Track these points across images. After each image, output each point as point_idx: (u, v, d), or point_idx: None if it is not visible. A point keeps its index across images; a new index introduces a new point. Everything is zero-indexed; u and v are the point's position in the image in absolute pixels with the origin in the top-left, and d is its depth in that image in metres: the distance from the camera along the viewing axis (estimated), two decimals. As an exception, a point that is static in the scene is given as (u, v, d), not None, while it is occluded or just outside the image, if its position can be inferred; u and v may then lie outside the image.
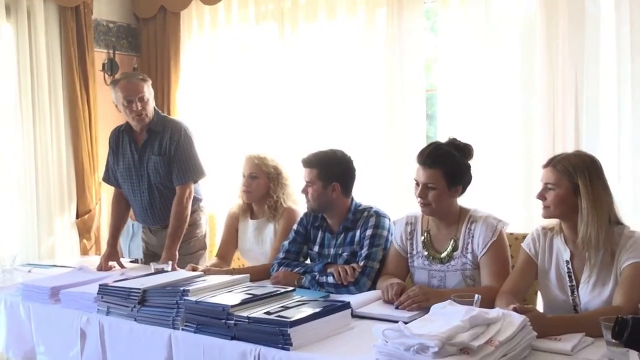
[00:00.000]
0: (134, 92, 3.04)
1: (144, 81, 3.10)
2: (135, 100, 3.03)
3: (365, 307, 2.25)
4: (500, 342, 1.66)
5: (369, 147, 3.68)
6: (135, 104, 3.03)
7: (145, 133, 3.13)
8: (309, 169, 2.68)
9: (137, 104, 3.03)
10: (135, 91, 3.05)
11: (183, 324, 2.11)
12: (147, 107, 3.06)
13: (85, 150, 4.18)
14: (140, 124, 3.10)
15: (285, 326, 1.85)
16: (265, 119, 4.09)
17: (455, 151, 2.37)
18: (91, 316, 2.39)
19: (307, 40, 3.90)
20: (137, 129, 3.15)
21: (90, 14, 4.25)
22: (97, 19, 4.39)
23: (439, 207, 2.37)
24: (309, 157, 2.70)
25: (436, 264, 2.43)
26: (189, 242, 3.20)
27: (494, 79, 3.29)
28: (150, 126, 3.11)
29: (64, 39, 4.09)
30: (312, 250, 2.79)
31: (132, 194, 3.21)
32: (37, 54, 3.97)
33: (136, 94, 3.04)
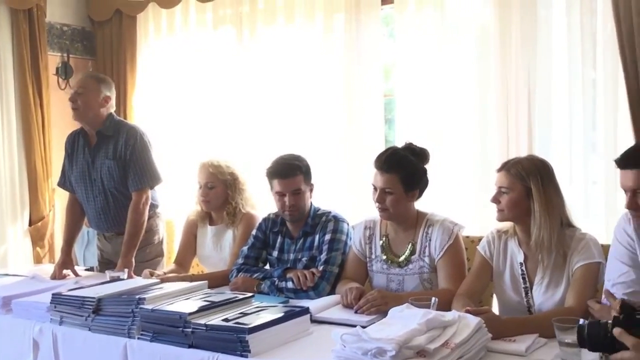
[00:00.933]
0: (75, 84, 3.12)
1: (95, 79, 3.12)
2: (73, 92, 3.06)
3: (325, 311, 2.25)
4: (456, 345, 1.68)
5: (327, 151, 3.69)
6: (72, 95, 3.05)
7: (96, 136, 3.09)
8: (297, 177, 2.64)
9: (73, 95, 3.05)
10: (76, 84, 3.12)
11: (139, 333, 2.07)
12: (80, 101, 3.02)
13: (39, 155, 4.08)
14: (75, 118, 3.08)
15: (243, 333, 1.84)
16: (224, 124, 4.06)
17: (411, 156, 2.40)
18: (44, 326, 2.33)
19: (266, 45, 3.89)
20: (87, 130, 3.11)
21: (44, 17, 4.16)
22: (51, 21, 4.30)
23: (397, 211, 2.39)
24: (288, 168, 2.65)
25: (394, 268, 2.45)
26: (145, 249, 3.14)
27: (450, 83, 3.34)
28: (101, 129, 3.06)
29: (16, 42, 4.00)
30: (271, 256, 2.78)
31: (85, 199, 3.15)
32: (-14, 57, 3.86)
33: (76, 86, 3.10)
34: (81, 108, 3.02)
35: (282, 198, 2.63)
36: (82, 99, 3.01)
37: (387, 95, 3.71)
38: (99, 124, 3.07)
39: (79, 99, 3.01)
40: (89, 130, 3.11)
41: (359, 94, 3.62)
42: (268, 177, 2.68)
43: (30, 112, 4.04)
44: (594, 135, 3.01)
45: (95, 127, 3.07)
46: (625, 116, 2.78)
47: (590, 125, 3.02)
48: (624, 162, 1.91)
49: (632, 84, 2.68)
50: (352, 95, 3.64)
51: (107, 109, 3.10)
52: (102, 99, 3.06)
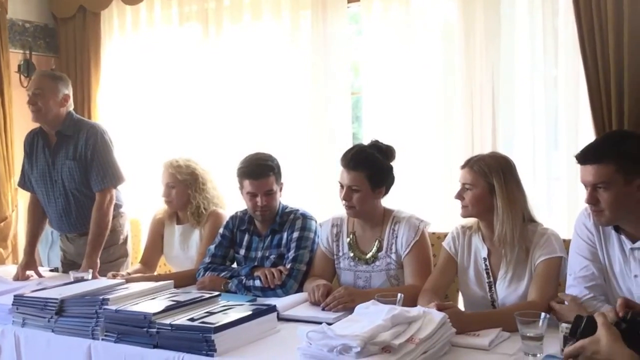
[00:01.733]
0: (32, 85, 3.03)
1: (51, 78, 3.05)
2: (31, 93, 2.99)
3: (292, 309, 2.26)
4: (421, 340, 1.70)
5: (295, 149, 3.69)
6: (30, 97, 2.98)
7: (55, 136, 3.03)
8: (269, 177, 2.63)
9: (31, 97, 2.98)
10: (33, 85, 3.03)
11: (103, 334, 2.05)
12: (40, 102, 2.96)
13: (1, 154, 3.99)
14: (35, 120, 3.02)
15: (208, 332, 1.83)
16: (190, 122, 4.02)
17: (377, 153, 2.41)
18: (6, 328, 2.29)
19: (232, 42, 3.86)
20: (46, 130, 3.05)
21: (5, 13, 4.06)
22: (12, 18, 4.20)
23: (363, 208, 2.40)
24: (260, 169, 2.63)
25: (362, 265, 2.46)
26: (109, 249, 3.10)
27: (416, 81, 3.36)
28: (60, 129, 3.01)
29: (-24, 39, 3.90)
30: (238, 254, 2.77)
31: (46, 200, 3.09)
32: (-55, 54, 3.76)
33: (33, 87, 3.01)
34: (42, 109, 2.96)
35: (254, 198, 2.62)
36: (41, 100, 2.95)
37: (355, 92, 3.72)
38: (58, 124, 3.01)
39: (38, 100, 2.95)
40: (48, 130, 3.05)
41: (326, 92, 3.62)
42: (239, 176, 2.66)
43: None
44: (556, 132, 3.07)
45: (55, 127, 3.02)
46: (586, 113, 2.84)
47: (553, 122, 3.07)
48: (583, 157, 1.95)
49: (592, 81, 2.74)
50: (320, 93, 3.63)
51: (67, 107, 3.04)
52: (61, 98, 3.00)
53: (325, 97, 3.62)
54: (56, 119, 3.01)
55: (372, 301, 1.91)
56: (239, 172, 2.67)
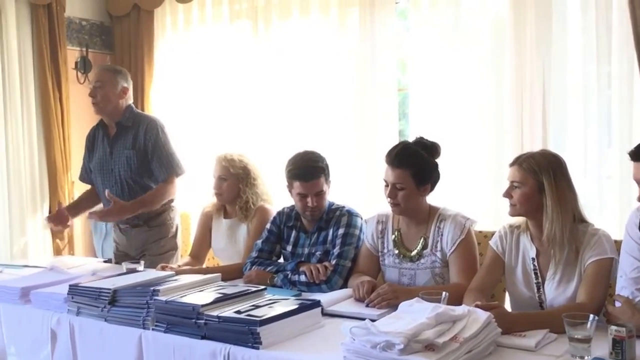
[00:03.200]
0: (93, 78, 3.19)
1: (111, 71, 3.16)
2: (92, 86, 3.11)
3: (336, 305, 2.26)
4: (465, 339, 1.69)
5: (342, 146, 3.70)
6: (92, 90, 3.10)
7: (115, 127, 3.13)
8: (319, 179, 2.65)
9: (92, 89, 3.10)
10: (94, 78, 3.18)
11: (153, 324, 2.10)
12: (100, 95, 3.07)
13: (58, 148, 4.14)
14: (96, 111, 3.14)
15: (254, 325, 1.86)
16: (239, 117, 4.08)
17: (422, 150, 2.39)
18: (62, 316, 2.37)
19: (281, 38, 3.90)
20: (107, 122, 3.16)
21: (63, 12, 4.20)
22: (70, 16, 4.34)
23: (408, 206, 2.39)
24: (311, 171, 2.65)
25: (406, 262, 2.45)
26: (159, 242, 3.18)
27: (465, 78, 3.33)
28: (120, 120, 3.11)
29: (35, 37, 4.04)
30: (285, 250, 2.79)
31: (101, 188, 3.20)
32: (8, 52, 3.91)
33: (94, 80, 3.15)
34: (101, 102, 3.07)
35: (304, 199, 2.64)
36: (101, 93, 3.06)
37: (402, 89, 3.71)
38: (118, 116, 3.11)
39: (98, 92, 3.06)
40: (108, 122, 3.17)
41: (373, 88, 3.62)
42: (289, 177, 2.68)
43: (50, 106, 4.08)
44: (609, 129, 2.98)
45: (115, 118, 3.12)
46: (640, 110, 2.76)
47: (605, 120, 2.99)
48: (637, 154, 1.89)
49: (647, 78, 2.65)
50: (367, 90, 3.64)
51: (126, 100, 3.14)
52: (120, 90, 3.10)
53: (372, 94, 3.62)
54: (115, 110, 3.11)
55: (416, 299, 1.91)
56: (289, 173, 2.68)
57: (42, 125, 4.10)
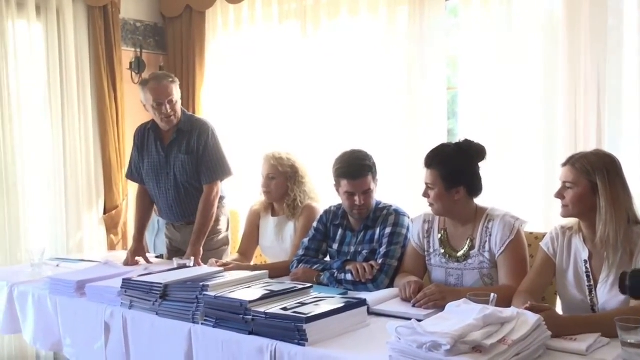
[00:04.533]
0: (164, 95, 3.10)
1: (173, 83, 3.16)
2: (165, 103, 3.09)
3: (382, 304, 2.26)
4: (514, 341, 1.66)
5: (390, 145, 3.68)
6: (165, 107, 3.09)
7: (173, 133, 3.19)
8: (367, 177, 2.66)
9: (166, 106, 3.10)
10: (165, 94, 3.10)
11: (203, 319, 2.15)
12: (175, 109, 3.13)
13: (113, 147, 4.25)
14: (169, 125, 3.16)
15: (300, 322, 1.88)
16: (288, 117, 4.12)
17: (460, 153, 2.37)
18: (115, 310, 2.45)
19: (329, 38, 3.91)
20: (163, 127, 3.21)
21: (118, 13, 4.31)
22: (125, 18, 4.46)
23: (442, 207, 2.39)
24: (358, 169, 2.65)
25: (453, 262, 2.43)
26: (212, 238, 3.25)
27: (516, 76, 3.26)
28: (180, 126, 3.17)
29: (92, 38, 4.16)
30: (331, 248, 2.81)
31: (157, 191, 3.27)
32: (66, 52, 4.04)
33: (166, 96, 3.10)
34: (176, 115, 3.14)
35: (352, 197, 2.65)
36: (174, 107, 3.13)
37: (452, 88, 3.67)
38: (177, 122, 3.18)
39: (172, 107, 3.12)
40: (164, 127, 3.20)
41: (422, 87, 3.59)
42: (336, 176, 2.69)
43: (105, 105, 4.20)
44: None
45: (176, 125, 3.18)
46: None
47: (664, 119, 2.89)
48: None
49: None
50: (416, 88, 3.61)
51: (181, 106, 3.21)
52: (180, 99, 3.19)
53: (421, 93, 3.59)
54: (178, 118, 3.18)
55: (464, 300, 1.89)
56: (336, 171, 2.69)
57: (98, 124, 4.22)
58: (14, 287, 2.85)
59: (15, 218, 3.81)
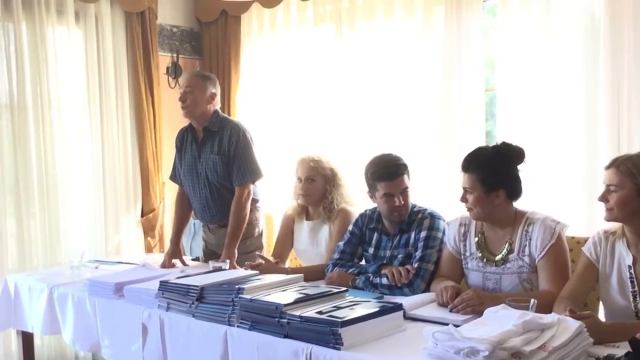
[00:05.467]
0: (184, 83, 3.26)
1: (201, 77, 3.25)
2: (182, 91, 3.21)
3: (419, 309, 2.25)
4: (554, 348, 1.64)
5: (426, 148, 3.66)
6: (181, 94, 3.20)
7: (202, 132, 3.24)
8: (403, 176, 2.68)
9: (182, 94, 3.20)
10: (184, 83, 3.26)
11: (238, 321, 2.17)
12: (188, 98, 3.17)
13: (150, 150, 4.32)
14: (185, 115, 3.24)
15: (336, 326, 1.88)
16: (323, 120, 4.12)
17: (498, 155, 2.34)
18: (152, 312, 2.49)
19: (365, 41, 3.90)
20: (195, 126, 3.27)
21: (155, 19, 4.38)
22: (162, 23, 4.53)
23: (482, 211, 2.36)
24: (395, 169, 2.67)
25: (491, 266, 2.40)
26: (246, 241, 3.26)
27: (556, 76, 3.21)
28: (207, 125, 3.22)
29: (129, 43, 4.24)
30: (367, 252, 2.81)
31: (192, 191, 3.32)
32: (104, 57, 4.12)
33: (184, 85, 3.24)
34: (190, 106, 3.18)
35: (391, 199, 2.64)
36: (190, 97, 3.18)
37: (490, 89, 3.63)
38: (206, 120, 3.22)
39: (188, 97, 3.18)
40: (196, 126, 3.27)
41: (459, 89, 3.55)
42: (372, 180, 2.68)
43: (143, 109, 4.28)
44: None
45: (202, 123, 3.23)
46: None
47: None
48: None
49: None
50: (453, 90, 3.57)
51: (213, 105, 3.24)
52: (208, 96, 3.21)
53: (459, 94, 3.55)
54: (203, 115, 3.22)
55: (503, 305, 1.87)
56: (372, 175, 2.68)
57: (136, 129, 4.29)
58: (54, 289, 2.92)
59: (55, 221, 3.90)
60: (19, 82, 3.75)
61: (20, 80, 3.75)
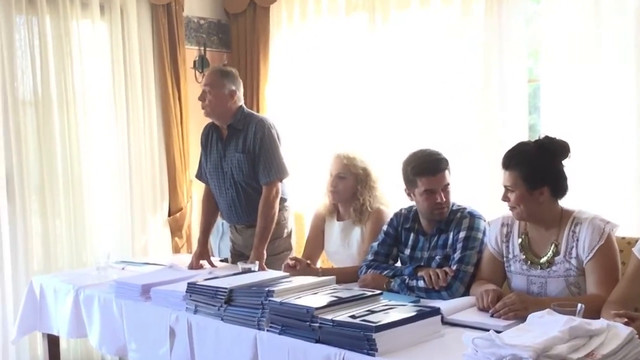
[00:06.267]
0: (205, 81, 3.28)
1: (218, 74, 3.26)
2: (202, 89, 3.24)
3: (458, 313, 2.24)
4: (603, 356, 1.62)
5: (465, 143, 3.63)
6: (201, 94, 3.23)
7: (227, 130, 3.27)
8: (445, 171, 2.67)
9: (201, 94, 3.23)
10: (203, 81, 3.29)
11: (268, 325, 2.18)
12: (208, 99, 3.19)
13: (177, 148, 4.37)
14: (205, 114, 3.27)
15: (370, 331, 1.88)
16: (356, 114, 4.11)
17: (540, 151, 2.31)
18: (180, 314, 2.53)
19: (399, 30, 3.88)
20: (218, 124, 3.29)
21: (182, 11, 4.42)
22: (188, 15, 4.57)
23: (525, 209, 2.33)
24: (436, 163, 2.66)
25: (535, 269, 2.37)
26: (274, 242, 3.28)
27: (605, 67, 3.14)
28: (232, 123, 3.24)
29: (156, 37, 4.28)
30: (402, 253, 2.80)
31: (218, 191, 3.35)
32: (130, 51, 4.18)
33: (203, 83, 3.27)
34: (209, 105, 3.21)
35: (433, 196, 2.63)
36: (209, 96, 3.20)
37: (533, 80, 3.58)
38: (229, 118, 3.24)
39: (207, 96, 3.21)
40: (220, 124, 3.30)
41: (500, 80, 3.51)
42: (412, 176, 2.66)
43: (170, 105, 4.33)
44: None
45: (225, 121, 3.26)
46: None
47: None
48: None
49: None
50: (493, 82, 3.53)
51: (235, 102, 3.25)
52: (227, 93, 3.23)
53: (499, 86, 3.51)
54: (225, 113, 3.24)
55: (548, 310, 1.85)
56: (412, 170, 2.67)
57: (162, 125, 4.34)
58: (79, 291, 2.98)
59: (81, 221, 3.98)
60: (43, 77, 3.83)
61: (44, 76, 3.83)
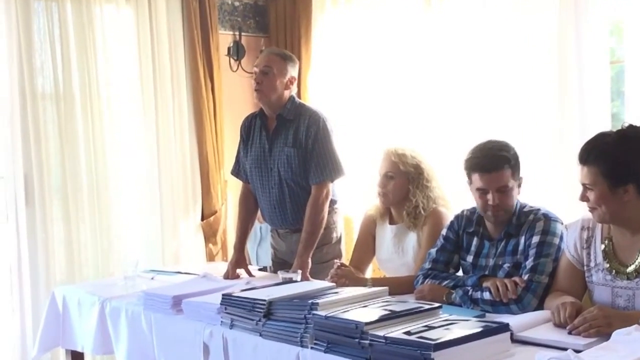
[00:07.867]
0: (261, 62, 3.25)
1: (281, 56, 3.26)
2: (258, 70, 3.21)
3: (530, 330, 2.20)
4: (702, 380, 1.55)
5: (536, 135, 3.59)
6: (257, 74, 3.21)
7: (275, 120, 3.27)
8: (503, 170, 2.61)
9: (258, 74, 3.20)
10: (261, 62, 3.25)
11: (312, 342, 2.17)
12: (265, 82, 3.19)
13: (210, 144, 4.41)
14: (258, 99, 3.26)
15: (428, 349, 1.85)
16: (410, 106, 4.10)
17: (624, 142, 2.24)
18: (215, 329, 2.53)
19: (458, 10, 3.86)
20: (267, 112, 3.29)
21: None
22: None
23: (608, 211, 2.26)
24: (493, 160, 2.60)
25: (622, 280, 2.31)
26: (322, 248, 3.28)
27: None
28: (281, 112, 3.24)
29: (186, 22, 4.35)
30: (465, 260, 2.77)
31: (260, 189, 3.35)
32: (158, 39, 4.25)
33: (261, 64, 3.23)
34: (266, 88, 3.20)
35: (484, 195, 2.61)
36: (267, 79, 3.20)
37: (616, 61, 3.54)
38: (280, 107, 3.25)
39: (265, 79, 3.20)
40: (269, 113, 3.29)
41: (578, 62, 3.48)
42: (467, 169, 2.66)
43: (202, 97, 4.37)
44: None
45: (276, 110, 3.26)
46: None
47: None
48: None
49: None
50: (569, 64, 3.50)
51: (290, 90, 3.27)
52: (287, 79, 3.24)
53: (577, 69, 3.47)
54: (279, 101, 3.24)
55: (635, 326, 1.83)
56: (467, 163, 2.66)
57: (194, 119, 4.40)
58: (105, 302, 3.03)
59: (107, 226, 4.05)
60: (65, 69, 3.91)
61: (66, 67, 3.92)
